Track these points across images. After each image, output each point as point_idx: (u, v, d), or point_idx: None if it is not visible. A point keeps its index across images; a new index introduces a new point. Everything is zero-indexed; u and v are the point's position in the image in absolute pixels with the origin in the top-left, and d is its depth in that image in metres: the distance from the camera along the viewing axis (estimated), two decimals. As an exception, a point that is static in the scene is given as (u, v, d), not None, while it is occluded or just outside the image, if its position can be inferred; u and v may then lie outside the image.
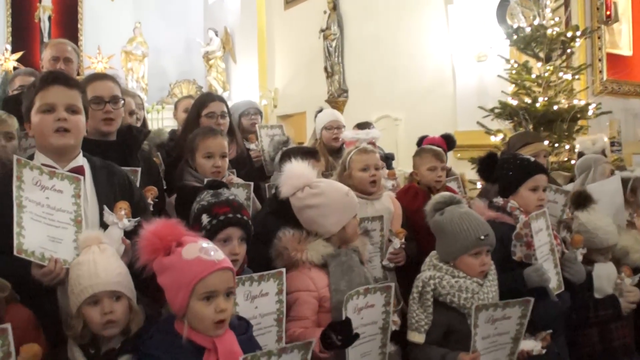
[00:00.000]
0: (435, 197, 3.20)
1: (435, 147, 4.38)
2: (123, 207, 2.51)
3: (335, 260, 2.86)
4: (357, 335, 2.51)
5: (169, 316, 2.23)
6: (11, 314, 2.21)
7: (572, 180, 5.11)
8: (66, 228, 2.46)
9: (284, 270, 2.69)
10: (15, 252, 2.30)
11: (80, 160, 2.64)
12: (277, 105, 12.32)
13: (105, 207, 2.52)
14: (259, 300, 2.59)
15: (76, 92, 2.61)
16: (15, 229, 2.32)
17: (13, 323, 2.04)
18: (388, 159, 5.26)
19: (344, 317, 2.57)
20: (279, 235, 2.90)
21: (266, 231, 2.92)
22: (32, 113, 2.56)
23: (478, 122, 7.21)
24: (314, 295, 2.80)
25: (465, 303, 2.89)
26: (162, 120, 12.20)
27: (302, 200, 2.95)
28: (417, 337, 2.89)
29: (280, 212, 3.24)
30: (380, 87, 9.89)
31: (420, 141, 4.95)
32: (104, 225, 2.52)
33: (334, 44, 10.76)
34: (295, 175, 3.00)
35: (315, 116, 5.25)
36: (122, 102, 3.32)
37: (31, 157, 2.62)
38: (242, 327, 2.27)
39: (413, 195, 4.19)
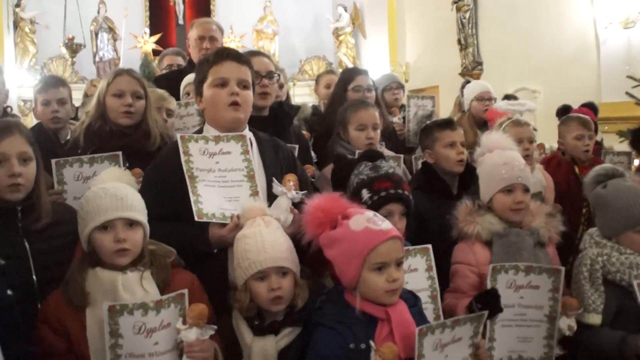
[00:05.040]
0: (596, 169, 3.07)
1: (582, 115, 4.20)
2: (291, 179, 2.57)
3: (501, 240, 2.77)
4: (499, 309, 2.45)
5: (336, 287, 2.23)
6: (176, 278, 2.32)
7: None
8: (241, 185, 2.57)
9: (429, 246, 2.66)
10: (196, 218, 2.44)
11: (247, 134, 2.71)
12: (408, 80, 12.14)
13: (274, 179, 2.58)
14: (409, 276, 2.56)
15: (246, 68, 2.71)
16: (192, 198, 2.47)
17: (178, 287, 2.18)
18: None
19: (488, 287, 2.52)
20: (457, 203, 2.89)
21: (415, 208, 2.91)
22: (204, 87, 2.68)
23: (627, 93, 6.79)
24: (473, 270, 2.76)
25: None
26: (294, 97, 12.37)
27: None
28: (594, 318, 2.74)
29: (428, 187, 3.24)
30: (517, 58, 9.51)
31: (560, 111, 4.73)
32: (271, 197, 2.59)
33: (467, 15, 10.45)
34: (486, 143, 3.03)
35: (462, 87, 5.16)
36: (277, 77, 3.43)
37: (199, 131, 2.75)
38: (411, 300, 2.25)
39: (556, 166, 4.07)
